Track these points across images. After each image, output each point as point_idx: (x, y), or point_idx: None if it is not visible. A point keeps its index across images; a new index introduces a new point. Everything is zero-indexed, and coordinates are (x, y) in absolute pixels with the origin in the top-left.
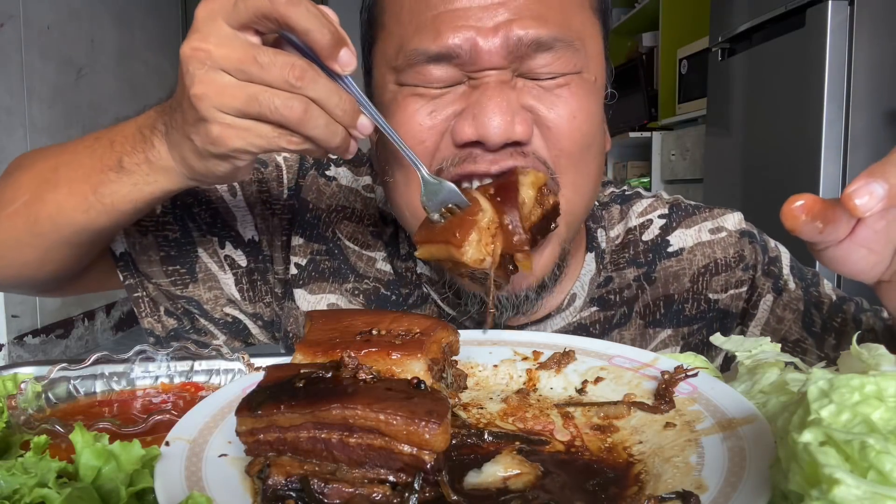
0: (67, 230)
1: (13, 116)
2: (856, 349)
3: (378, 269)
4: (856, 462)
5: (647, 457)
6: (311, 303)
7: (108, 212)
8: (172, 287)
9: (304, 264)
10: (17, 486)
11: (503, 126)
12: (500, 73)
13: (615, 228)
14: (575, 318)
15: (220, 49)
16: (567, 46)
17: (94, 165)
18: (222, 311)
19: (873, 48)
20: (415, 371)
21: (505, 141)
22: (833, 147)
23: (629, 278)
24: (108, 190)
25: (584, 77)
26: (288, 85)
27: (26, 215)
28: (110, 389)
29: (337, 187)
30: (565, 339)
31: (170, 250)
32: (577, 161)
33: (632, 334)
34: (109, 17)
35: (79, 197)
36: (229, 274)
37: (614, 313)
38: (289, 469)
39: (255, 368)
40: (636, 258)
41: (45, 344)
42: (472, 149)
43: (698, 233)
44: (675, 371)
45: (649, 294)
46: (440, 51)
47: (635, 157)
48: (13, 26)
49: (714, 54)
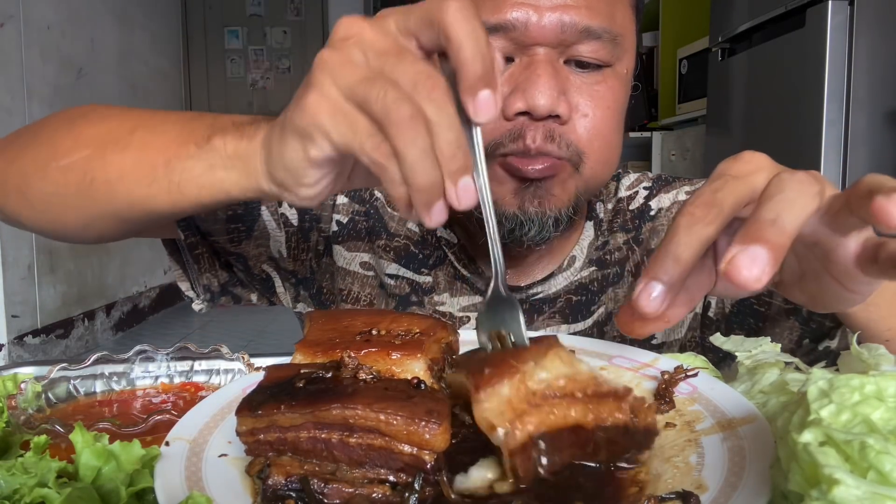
0: (122, 202)
1: (13, 116)
2: (856, 349)
3: (408, 229)
4: (856, 462)
5: (647, 457)
6: (347, 259)
7: (170, 192)
8: (228, 244)
9: (346, 223)
10: (17, 485)
11: (549, 98)
12: (549, 52)
13: (610, 202)
14: (576, 278)
15: (372, 34)
16: (611, 39)
17: (179, 134)
18: (260, 267)
19: (873, 48)
20: (415, 371)
21: (549, 111)
22: (833, 147)
23: (620, 242)
24: (182, 165)
25: (618, 70)
26: (413, 88)
27: (81, 173)
28: (110, 389)
29: None
30: (565, 340)
31: (237, 209)
32: (606, 142)
33: (624, 291)
34: (109, 17)
35: (146, 167)
36: (282, 231)
37: (609, 272)
38: (289, 469)
39: (255, 368)
40: (625, 225)
41: (45, 344)
42: (521, 118)
43: (676, 195)
44: (675, 371)
45: (637, 254)
46: (498, 22)
47: (635, 157)
48: (13, 26)
49: (714, 54)
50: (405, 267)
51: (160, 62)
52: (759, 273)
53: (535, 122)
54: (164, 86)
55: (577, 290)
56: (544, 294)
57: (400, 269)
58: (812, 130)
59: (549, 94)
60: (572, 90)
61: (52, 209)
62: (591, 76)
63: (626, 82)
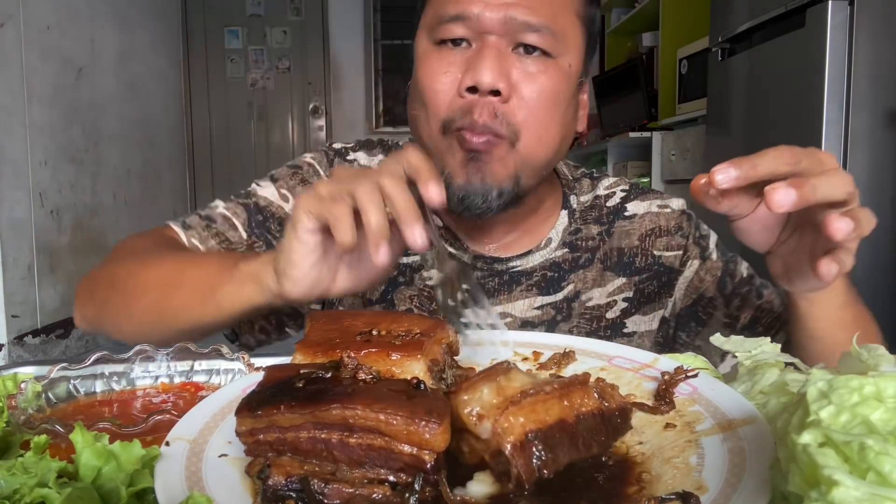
0: (186, 324)
1: (13, 116)
2: (856, 350)
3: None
4: (855, 463)
5: (647, 457)
6: None
7: (218, 309)
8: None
9: None
10: (17, 485)
11: (493, 76)
12: (498, 40)
13: (585, 196)
14: (550, 256)
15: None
16: (551, 34)
17: (218, 268)
18: (308, 306)
19: (873, 48)
20: (414, 372)
21: (492, 87)
22: (833, 147)
23: (594, 232)
24: (223, 291)
25: (560, 63)
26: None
27: (155, 312)
28: (110, 389)
29: (358, 166)
30: (566, 340)
31: None
32: (541, 124)
33: (593, 275)
34: (109, 17)
35: (199, 296)
36: None
37: (580, 256)
38: (289, 469)
39: (255, 368)
40: (600, 218)
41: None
42: (470, 96)
43: (649, 205)
44: (675, 372)
45: (607, 245)
46: (456, 13)
47: (635, 157)
48: (13, 26)
49: (714, 54)
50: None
51: (160, 62)
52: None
53: (482, 98)
54: (164, 86)
55: (551, 266)
56: (522, 267)
57: None
58: (812, 130)
59: (492, 72)
60: (515, 73)
61: (140, 338)
62: (534, 63)
63: (568, 76)
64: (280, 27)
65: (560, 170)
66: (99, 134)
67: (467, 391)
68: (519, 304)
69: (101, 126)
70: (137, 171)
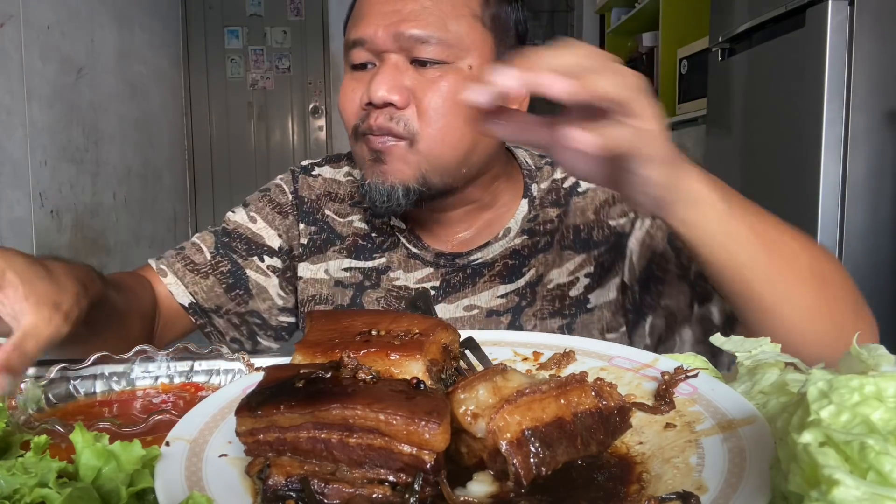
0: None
1: (13, 116)
2: (855, 349)
3: (355, 227)
4: (855, 463)
5: (648, 457)
6: (312, 271)
7: None
8: (238, 307)
9: (306, 243)
10: (17, 485)
11: (385, 89)
12: (397, 58)
13: (545, 182)
14: (510, 245)
15: None
16: (440, 42)
17: None
18: (278, 319)
19: (873, 48)
20: (414, 372)
21: (384, 100)
22: (833, 147)
23: (552, 216)
24: None
25: (459, 66)
26: None
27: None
28: (110, 389)
29: (322, 180)
30: (566, 340)
31: (228, 280)
32: (442, 124)
33: (552, 256)
34: (109, 17)
35: None
36: (274, 278)
37: (539, 240)
38: (289, 469)
39: (255, 368)
40: (558, 200)
41: None
42: (368, 108)
43: None
44: (675, 372)
45: (564, 225)
46: (356, 38)
47: None
48: (13, 26)
49: (714, 54)
50: (356, 259)
51: (160, 62)
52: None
53: (378, 109)
54: (164, 86)
55: (511, 255)
56: (483, 259)
57: (352, 262)
58: (812, 130)
59: (383, 88)
60: (412, 83)
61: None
62: (431, 71)
63: (471, 76)
64: (280, 27)
65: (523, 161)
66: (99, 134)
67: (464, 391)
68: (483, 296)
69: (101, 126)
70: (137, 171)
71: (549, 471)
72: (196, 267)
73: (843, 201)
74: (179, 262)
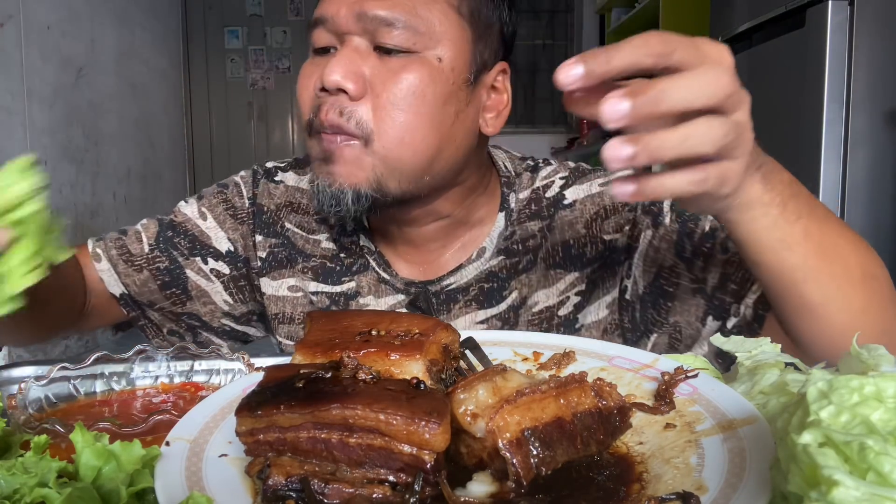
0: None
1: (13, 116)
2: (855, 349)
3: (323, 248)
4: (855, 463)
5: (648, 457)
6: (274, 287)
7: None
8: (174, 307)
9: (265, 257)
10: (17, 485)
11: (339, 73)
12: (359, 42)
13: (524, 192)
14: (485, 267)
15: None
16: (407, 27)
17: None
18: (220, 321)
19: (873, 48)
20: (413, 372)
21: (337, 85)
22: (833, 147)
23: (534, 230)
24: None
25: (426, 56)
26: None
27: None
28: (110, 389)
29: (284, 188)
30: (566, 340)
31: (164, 277)
32: (403, 121)
33: (537, 277)
34: (109, 17)
35: None
36: (217, 283)
37: (519, 260)
38: (289, 469)
39: (255, 368)
40: (539, 213)
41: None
42: (321, 94)
43: (589, 187)
44: (675, 372)
45: (550, 242)
46: (316, 16)
47: None
48: (13, 26)
49: None
50: (324, 283)
51: (160, 62)
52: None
53: (330, 97)
54: (164, 86)
55: (487, 277)
56: (456, 284)
57: (319, 286)
58: (812, 130)
59: (338, 70)
60: (370, 72)
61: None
62: (394, 61)
63: (440, 71)
64: (280, 27)
65: (502, 167)
66: (99, 134)
67: (463, 391)
68: (461, 322)
69: (101, 126)
70: (137, 170)
71: (549, 471)
72: (131, 258)
73: (843, 201)
74: (116, 250)
